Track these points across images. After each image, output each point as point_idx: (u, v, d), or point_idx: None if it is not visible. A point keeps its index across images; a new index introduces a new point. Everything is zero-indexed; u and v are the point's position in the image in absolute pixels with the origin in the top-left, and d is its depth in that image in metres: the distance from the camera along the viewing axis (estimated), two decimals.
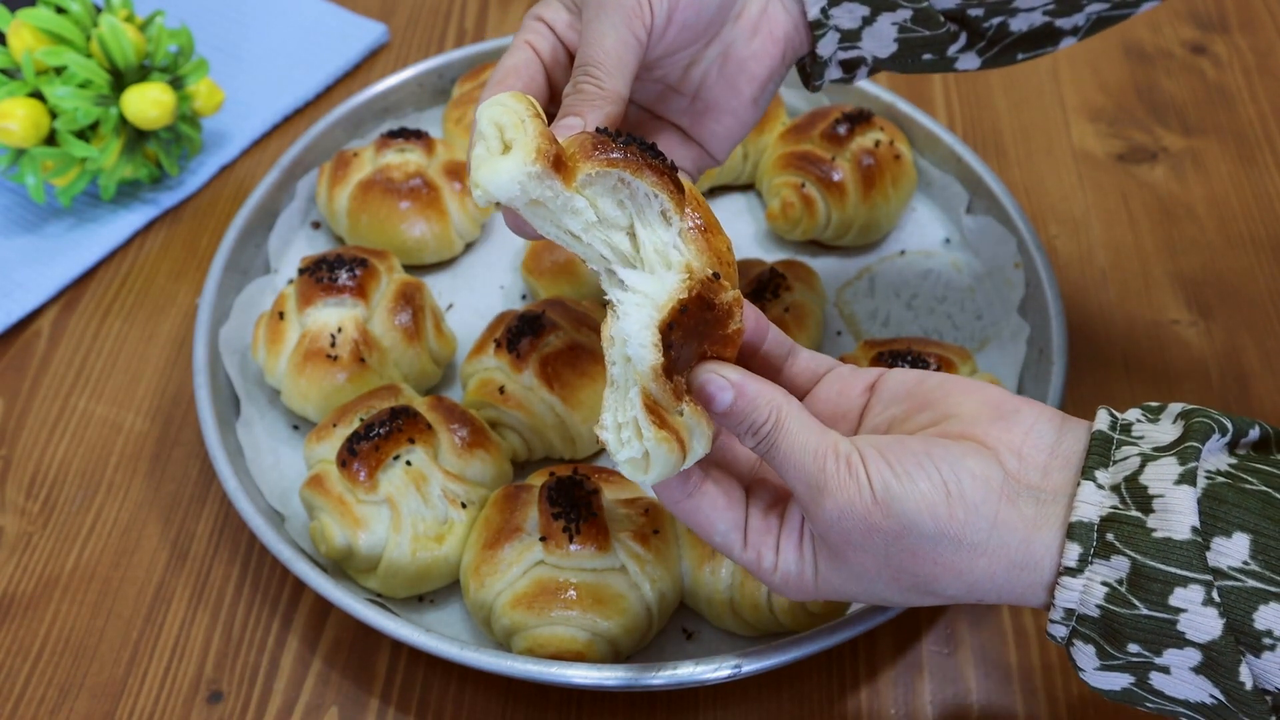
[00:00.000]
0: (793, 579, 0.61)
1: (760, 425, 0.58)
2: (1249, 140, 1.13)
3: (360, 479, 0.78)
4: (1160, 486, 0.55)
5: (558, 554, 0.76)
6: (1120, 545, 0.54)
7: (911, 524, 0.56)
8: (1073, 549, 0.55)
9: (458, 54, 1.15)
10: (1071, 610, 0.56)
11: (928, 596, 0.60)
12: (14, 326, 1.01)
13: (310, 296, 0.89)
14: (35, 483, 0.91)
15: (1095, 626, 0.55)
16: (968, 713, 0.77)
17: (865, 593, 0.61)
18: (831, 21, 0.72)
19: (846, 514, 0.57)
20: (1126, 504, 0.55)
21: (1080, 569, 0.55)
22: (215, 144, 1.14)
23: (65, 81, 1.00)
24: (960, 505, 0.56)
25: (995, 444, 0.58)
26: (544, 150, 0.56)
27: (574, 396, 0.85)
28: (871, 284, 1.01)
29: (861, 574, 0.59)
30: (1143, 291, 1.01)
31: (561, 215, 0.58)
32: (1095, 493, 0.56)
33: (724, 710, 0.78)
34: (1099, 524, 0.55)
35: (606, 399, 0.58)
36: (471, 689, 0.79)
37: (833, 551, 0.59)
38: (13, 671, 0.81)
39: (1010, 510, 0.56)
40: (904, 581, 0.59)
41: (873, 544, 0.57)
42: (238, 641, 0.82)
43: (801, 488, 0.58)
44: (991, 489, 0.56)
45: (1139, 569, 0.54)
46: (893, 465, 0.56)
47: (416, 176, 1.00)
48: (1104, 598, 0.55)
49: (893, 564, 0.58)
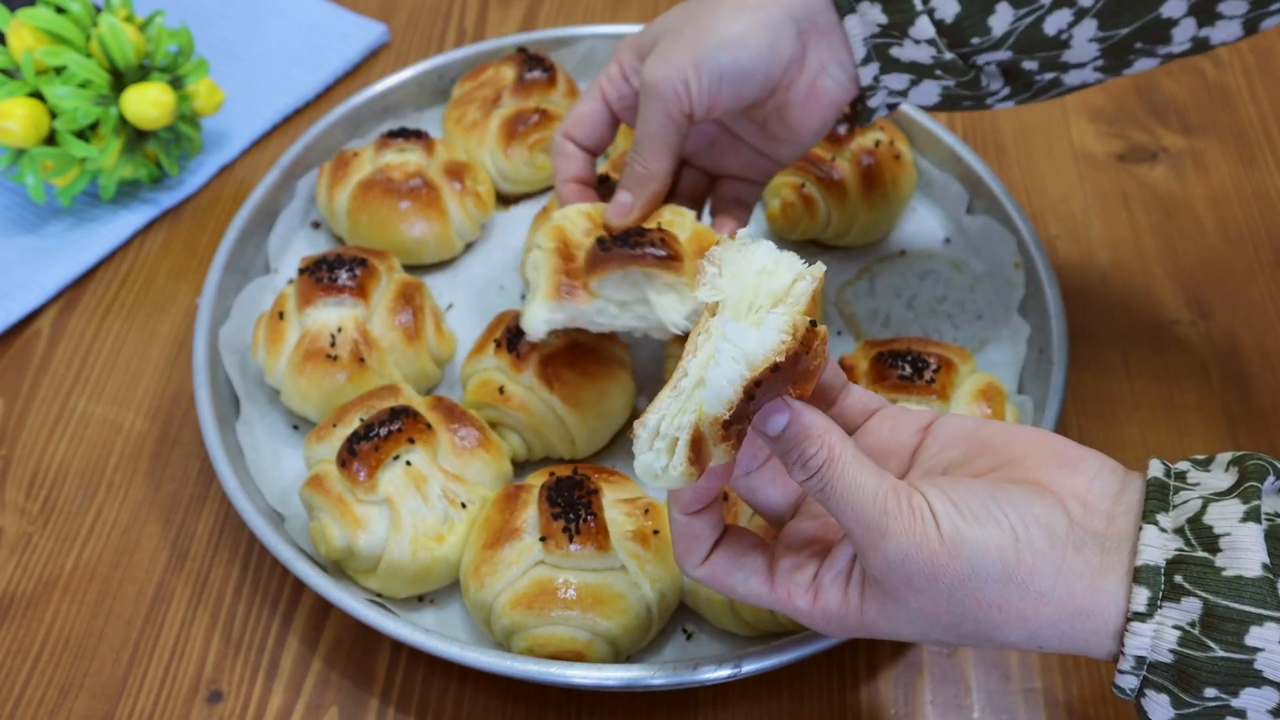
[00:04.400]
0: (834, 617, 0.60)
1: (810, 458, 0.56)
2: (1249, 140, 1.13)
3: (360, 479, 0.78)
4: (1225, 525, 0.54)
5: (557, 554, 0.76)
6: (1190, 586, 0.53)
7: (980, 567, 0.55)
8: (1141, 593, 0.54)
9: (458, 54, 1.15)
10: (1143, 658, 0.54)
11: (985, 642, 0.58)
12: (14, 326, 1.01)
13: (310, 296, 0.89)
14: (35, 483, 0.91)
15: (1169, 673, 0.54)
16: (968, 713, 0.77)
17: (917, 634, 0.59)
18: (882, 84, 0.80)
19: (911, 557, 0.55)
20: (1192, 545, 0.54)
21: (1150, 613, 0.54)
22: (215, 144, 1.14)
23: (65, 81, 1.00)
24: (1028, 550, 0.55)
25: (1060, 490, 0.57)
26: (558, 286, 0.79)
27: (574, 396, 0.85)
28: (871, 284, 1.01)
29: (917, 619, 0.58)
30: (1143, 291, 1.01)
31: (595, 316, 0.79)
32: (1158, 536, 0.55)
33: (724, 710, 0.78)
34: (1165, 566, 0.54)
35: (663, 400, 0.56)
36: (471, 689, 0.79)
37: (889, 595, 0.57)
38: (13, 671, 0.81)
39: (1075, 557, 0.55)
40: (964, 628, 0.57)
41: (936, 589, 0.56)
42: (238, 641, 0.82)
43: (859, 530, 0.56)
44: (1057, 536, 0.55)
45: (1211, 609, 0.52)
46: (959, 506, 0.55)
47: (416, 176, 1.00)
48: (1177, 641, 0.53)
49: (954, 609, 0.56)
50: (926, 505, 0.55)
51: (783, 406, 0.56)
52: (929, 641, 0.60)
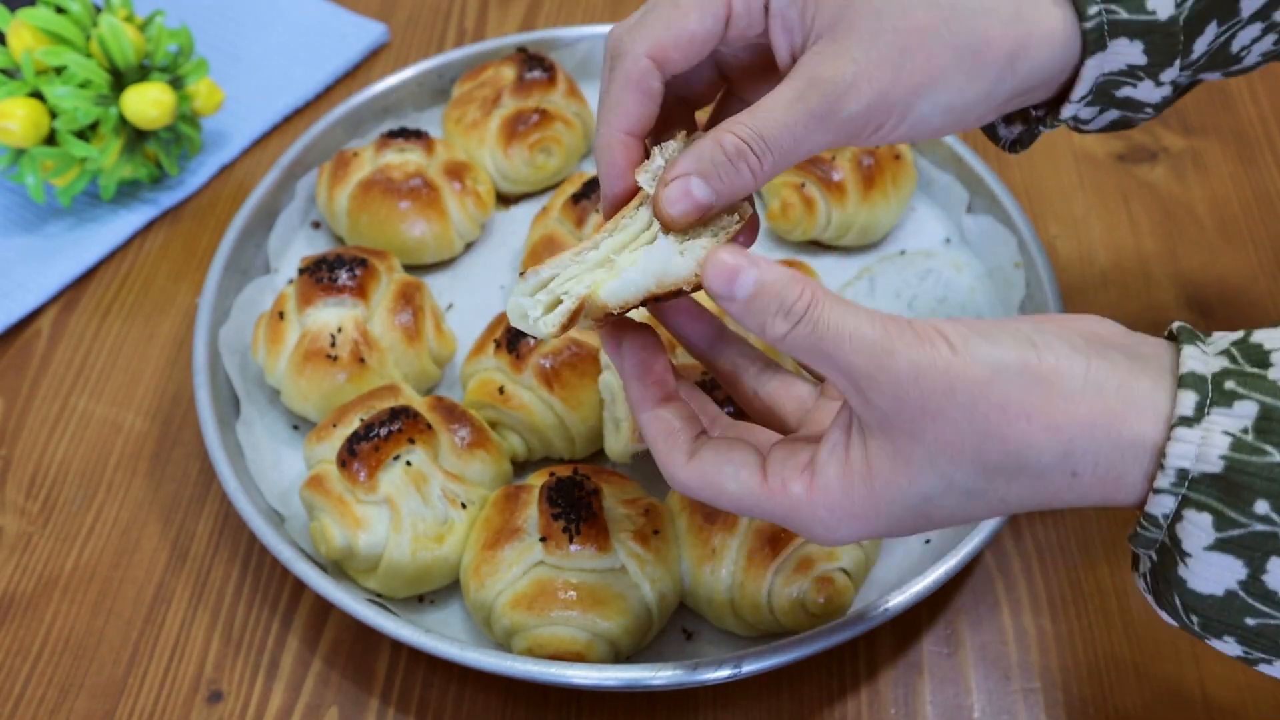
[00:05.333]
0: (838, 500, 0.53)
1: (794, 302, 0.51)
2: (1249, 140, 1.13)
3: (360, 479, 0.78)
4: (1275, 342, 0.50)
5: (558, 554, 0.76)
6: (1244, 391, 0.48)
7: (1000, 369, 0.50)
8: (1187, 396, 0.49)
9: (458, 54, 1.15)
10: (1185, 471, 0.49)
11: (1015, 481, 0.52)
12: (14, 326, 1.01)
13: (310, 296, 0.89)
14: (35, 483, 0.91)
15: (1215, 486, 0.48)
16: (968, 713, 0.77)
17: (943, 487, 0.52)
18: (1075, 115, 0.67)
19: (924, 370, 0.50)
20: (1239, 362, 0.50)
21: (1197, 418, 0.48)
22: (215, 144, 1.14)
23: (65, 81, 1.00)
24: (1050, 353, 0.50)
25: (1067, 327, 0.53)
26: (638, 431, 0.72)
27: (574, 396, 0.85)
28: (871, 284, 1.01)
29: (938, 454, 0.51)
30: (1143, 291, 1.01)
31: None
32: (1201, 353, 0.50)
33: (724, 710, 0.78)
34: (1212, 376, 0.49)
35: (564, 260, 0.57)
36: (471, 689, 0.79)
37: (903, 436, 0.51)
38: (13, 671, 0.81)
39: (1101, 362, 0.50)
40: (991, 455, 0.51)
41: (955, 404, 0.50)
42: (238, 641, 0.82)
43: (861, 359, 0.50)
44: (1077, 345, 0.51)
45: (1269, 412, 0.48)
46: (970, 326, 0.51)
47: (416, 176, 1.00)
48: (1229, 446, 0.48)
49: (979, 428, 0.50)
50: (932, 328, 0.51)
51: (743, 263, 0.51)
52: (957, 506, 0.53)
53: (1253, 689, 0.77)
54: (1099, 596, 0.82)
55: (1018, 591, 0.83)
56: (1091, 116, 0.67)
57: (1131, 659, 0.79)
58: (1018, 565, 0.84)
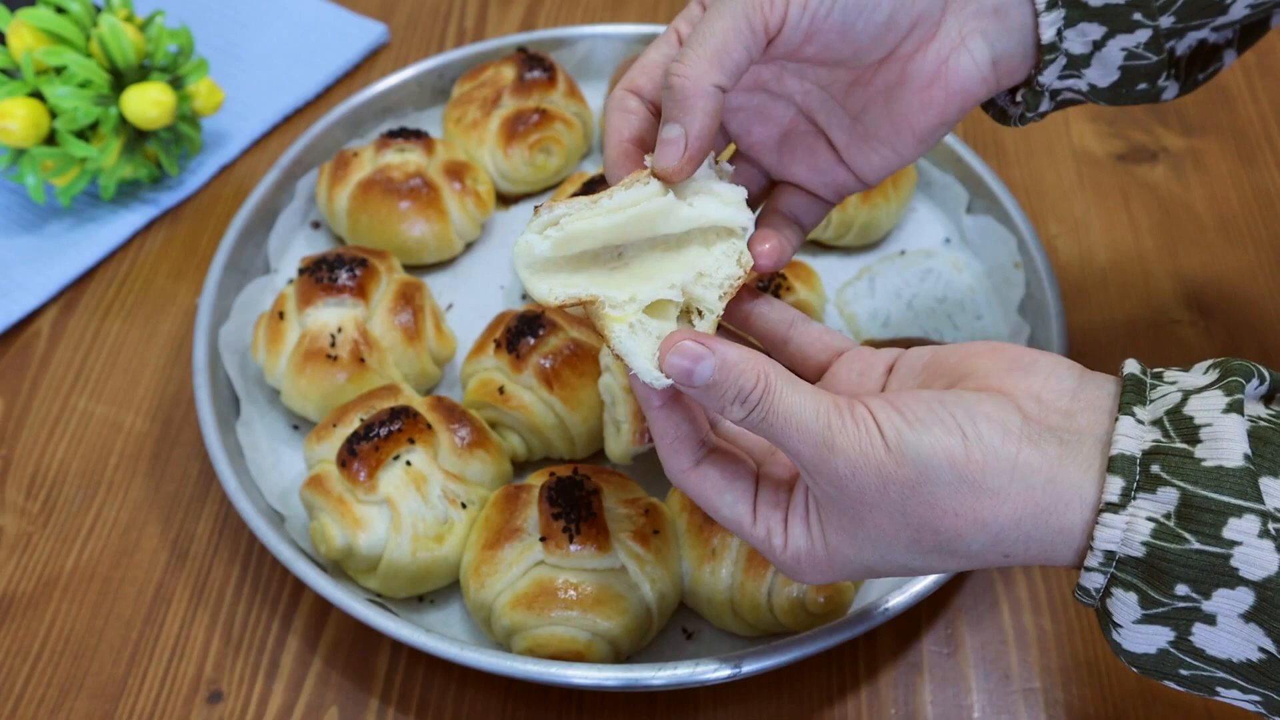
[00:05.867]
0: (804, 557, 0.58)
1: (749, 391, 0.54)
2: (1249, 140, 1.13)
3: (360, 479, 0.78)
4: (1207, 416, 0.51)
5: (558, 554, 0.76)
6: (1168, 476, 0.50)
7: (927, 470, 0.52)
8: (1114, 482, 0.51)
9: (458, 54, 1.15)
10: (1112, 553, 0.51)
11: (950, 558, 0.55)
12: (14, 326, 1.01)
13: (310, 296, 0.89)
14: (35, 483, 0.91)
15: (1138, 569, 0.51)
16: (968, 713, 0.77)
17: (884, 561, 0.57)
18: (1064, 45, 0.64)
19: (860, 468, 0.53)
20: (1170, 437, 0.51)
21: (1123, 504, 0.51)
22: (215, 144, 1.14)
23: (65, 81, 1.00)
24: (978, 448, 0.52)
25: (1011, 390, 0.55)
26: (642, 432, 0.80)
27: (574, 397, 0.85)
28: (871, 284, 1.01)
29: (879, 539, 0.55)
30: (1143, 291, 1.01)
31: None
32: (1135, 427, 0.52)
33: (724, 710, 0.78)
34: (1141, 457, 0.51)
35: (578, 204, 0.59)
36: (471, 689, 0.79)
37: (847, 518, 0.55)
38: (13, 671, 0.81)
39: (1032, 451, 0.52)
40: (925, 541, 0.55)
41: (888, 500, 0.53)
42: (238, 641, 0.82)
43: (807, 450, 0.54)
44: (1010, 431, 0.53)
45: (1189, 499, 0.49)
46: (903, 413, 0.53)
47: (416, 176, 1.00)
48: (1151, 533, 0.50)
49: (911, 521, 0.54)
50: (869, 415, 0.54)
51: (703, 352, 0.55)
52: (900, 571, 0.57)
53: None
54: None
55: (1018, 591, 0.83)
56: (1085, 50, 0.65)
57: None
58: (1017, 565, 0.84)
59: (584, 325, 0.88)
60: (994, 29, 0.63)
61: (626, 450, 0.81)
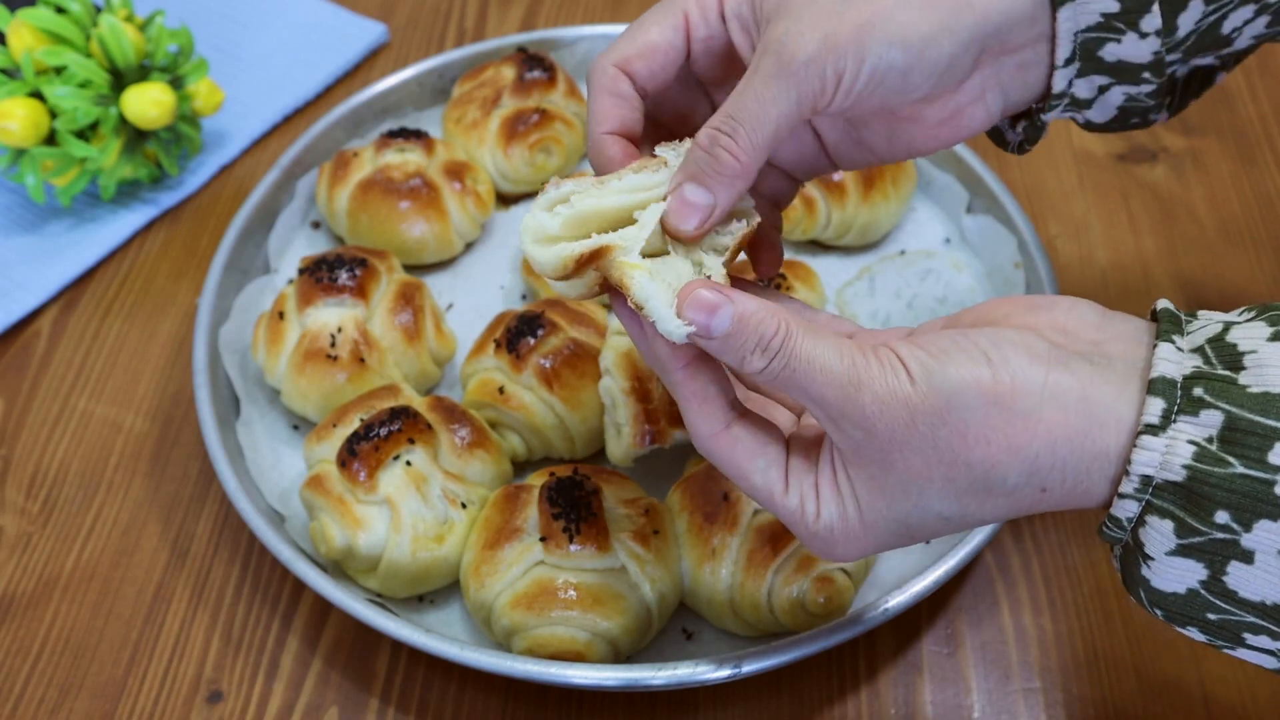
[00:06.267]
0: (837, 526, 0.56)
1: (770, 338, 0.53)
2: (1249, 140, 1.13)
3: (360, 479, 0.78)
4: (1251, 344, 0.50)
5: (558, 554, 0.76)
6: (1211, 399, 0.49)
7: (955, 397, 0.51)
8: (1154, 404, 0.49)
9: (458, 54, 1.15)
10: (1149, 478, 0.49)
11: (988, 498, 0.53)
12: (14, 326, 1.01)
13: (310, 296, 0.89)
14: (35, 483, 0.91)
15: (1177, 495, 0.49)
16: (968, 712, 0.77)
17: (918, 512, 0.54)
18: (1071, 89, 0.65)
19: (887, 404, 0.51)
20: (1212, 364, 0.50)
21: (1163, 426, 0.49)
22: (215, 144, 1.14)
23: (65, 81, 1.00)
24: (1005, 371, 0.51)
25: (1035, 325, 0.53)
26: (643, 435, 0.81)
27: (574, 397, 0.85)
28: (871, 284, 1.01)
29: (910, 483, 0.53)
30: (1143, 291, 1.01)
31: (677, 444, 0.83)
32: (1175, 353, 0.50)
33: (724, 710, 0.78)
34: (1182, 381, 0.50)
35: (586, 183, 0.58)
36: (471, 689, 0.79)
37: (876, 465, 0.53)
38: (13, 671, 0.81)
39: (1063, 373, 0.51)
40: (959, 479, 0.52)
41: (918, 435, 0.52)
42: (238, 641, 0.82)
43: (833, 392, 0.52)
44: (1037, 355, 0.51)
45: (1234, 422, 0.48)
46: (927, 349, 0.52)
47: (416, 176, 1.00)
48: (1192, 455, 0.48)
49: (944, 456, 0.52)
50: (893, 354, 0.53)
51: (720, 299, 0.53)
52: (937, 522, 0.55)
53: (1253, 689, 0.77)
54: (1099, 596, 0.82)
55: (1018, 591, 0.83)
56: (1090, 95, 0.66)
57: (1131, 659, 0.79)
58: (1018, 565, 0.84)
59: (584, 325, 0.88)
60: (1012, 82, 0.64)
61: (627, 453, 0.82)
